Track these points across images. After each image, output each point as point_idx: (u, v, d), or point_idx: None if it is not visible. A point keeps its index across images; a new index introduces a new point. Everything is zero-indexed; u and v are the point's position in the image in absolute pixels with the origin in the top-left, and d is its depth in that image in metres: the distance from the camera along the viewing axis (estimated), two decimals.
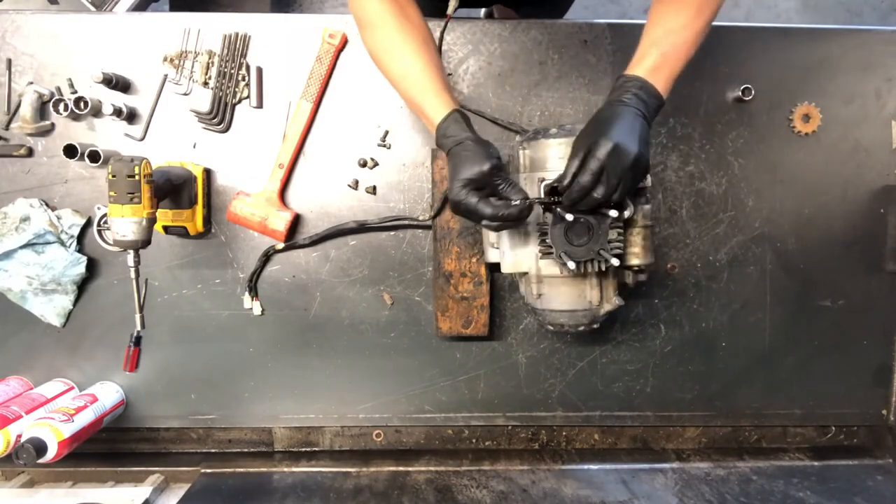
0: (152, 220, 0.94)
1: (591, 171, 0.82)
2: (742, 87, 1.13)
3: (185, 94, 1.12)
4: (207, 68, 1.11)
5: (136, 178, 0.90)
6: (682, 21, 0.87)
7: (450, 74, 1.13)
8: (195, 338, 1.16)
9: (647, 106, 0.85)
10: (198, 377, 1.17)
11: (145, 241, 0.93)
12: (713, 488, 1.10)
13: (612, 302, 0.99)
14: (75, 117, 1.10)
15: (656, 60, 0.86)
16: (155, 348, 1.14)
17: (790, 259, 1.18)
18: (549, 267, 0.97)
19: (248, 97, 1.12)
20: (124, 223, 0.91)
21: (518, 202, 0.85)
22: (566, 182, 0.85)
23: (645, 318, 1.19)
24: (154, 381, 1.17)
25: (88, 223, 1.12)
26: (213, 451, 1.21)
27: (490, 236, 1.03)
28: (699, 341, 1.19)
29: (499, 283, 1.17)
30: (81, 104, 1.07)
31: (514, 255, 1.00)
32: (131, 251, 0.93)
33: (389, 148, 1.14)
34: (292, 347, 1.17)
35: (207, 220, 1.13)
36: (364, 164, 1.14)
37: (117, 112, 1.08)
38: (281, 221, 1.10)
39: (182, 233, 1.10)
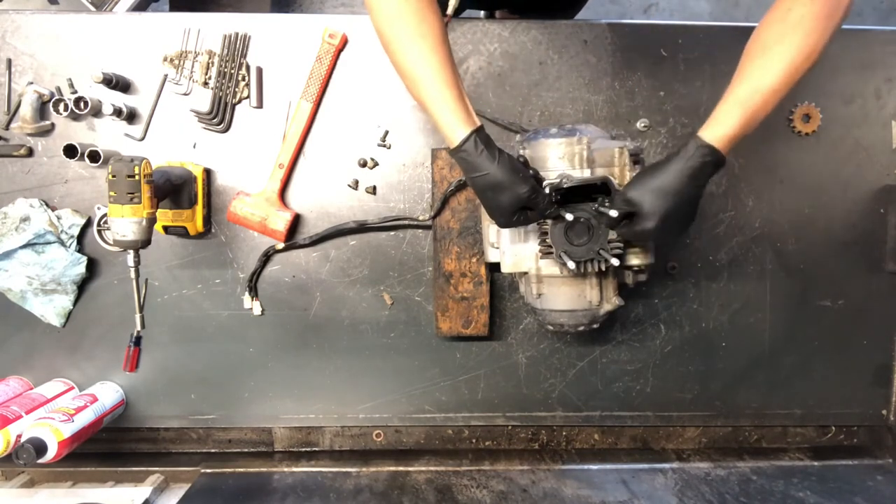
0: (152, 220, 0.94)
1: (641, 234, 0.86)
2: None
3: (185, 94, 1.12)
4: (207, 68, 1.11)
5: (136, 178, 0.89)
6: (775, 76, 0.82)
7: None
8: (195, 338, 1.16)
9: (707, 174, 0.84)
10: (198, 377, 1.17)
11: (145, 241, 0.93)
12: (713, 488, 1.10)
13: (612, 302, 0.99)
14: (75, 117, 1.10)
15: (735, 128, 0.82)
16: (155, 348, 1.14)
17: (790, 259, 1.18)
18: (549, 267, 0.97)
19: (248, 97, 1.12)
20: (124, 223, 0.91)
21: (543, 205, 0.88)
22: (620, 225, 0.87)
23: (645, 318, 1.19)
24: (154, 381, 1.17)
25: (88, 223, 1.12)
26: (213, 451, 1.21)
27: (490, 236, 1.03)
28: (699, 341, 1.19)
29: (499, 283, 1.17)
30: (81, 104, 1.07)
31: (514, 255, 1.00)
32: (131, 251, 0.93)
33: (389, 148, 1.14)
34: (292, 347, 1.17)
35: (207, 220, 1.13)
36: (364, 164, 1.14)
37: (117, 112, 1.08)
38: (281, 221, 1.10)
39: (182, 233, 1.10)
